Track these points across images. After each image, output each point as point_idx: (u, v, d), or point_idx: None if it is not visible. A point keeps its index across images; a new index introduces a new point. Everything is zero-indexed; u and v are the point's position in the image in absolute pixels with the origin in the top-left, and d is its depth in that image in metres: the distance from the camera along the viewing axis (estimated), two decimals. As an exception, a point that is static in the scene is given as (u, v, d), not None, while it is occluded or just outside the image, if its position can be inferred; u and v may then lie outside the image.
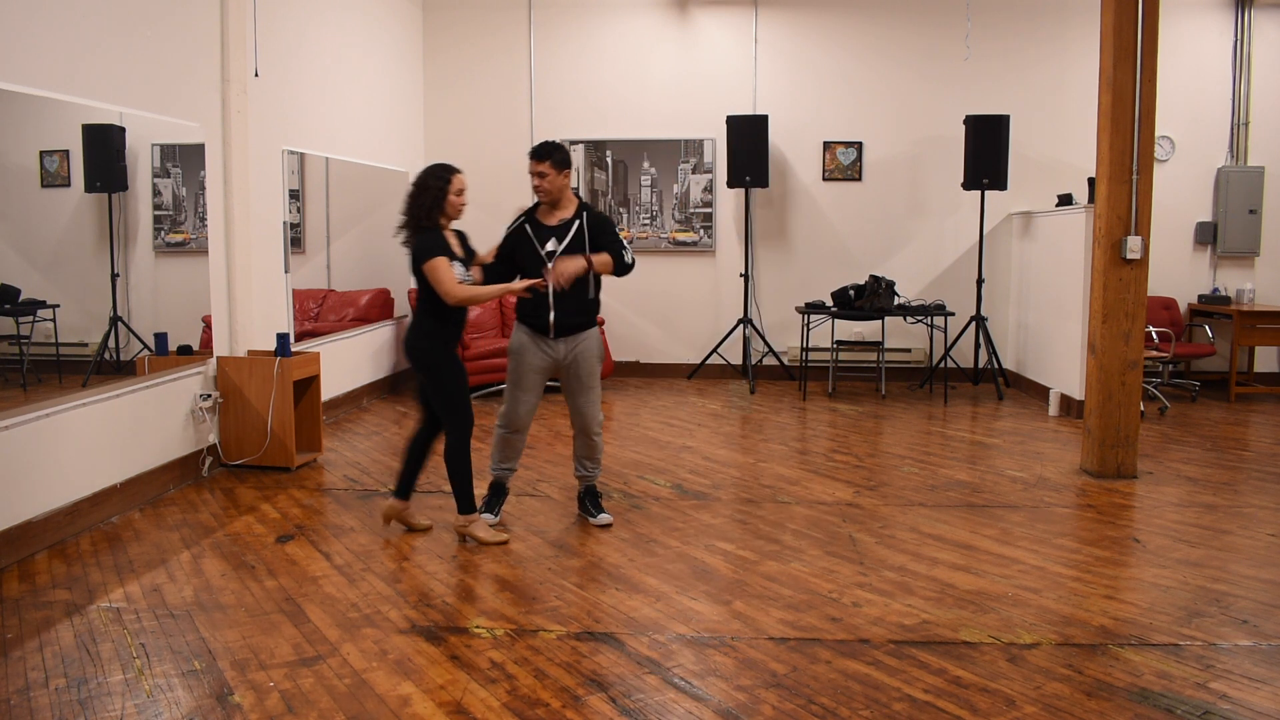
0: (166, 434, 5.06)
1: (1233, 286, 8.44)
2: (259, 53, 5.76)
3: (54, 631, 3.32)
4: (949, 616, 3.49)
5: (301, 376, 5.58)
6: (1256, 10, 8.34)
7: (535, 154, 4.38)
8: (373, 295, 7.90)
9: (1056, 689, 2.94)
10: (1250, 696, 2.90)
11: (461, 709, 2.82)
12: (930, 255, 8.68)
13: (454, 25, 8.86)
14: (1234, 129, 8.44)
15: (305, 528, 4.51)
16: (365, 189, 7.89)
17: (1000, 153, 7.88)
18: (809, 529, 4.51)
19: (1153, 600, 3.66)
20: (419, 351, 4.20)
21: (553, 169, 4.34)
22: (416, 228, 4.15)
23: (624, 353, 8.94)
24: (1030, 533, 4.46)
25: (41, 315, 4.46)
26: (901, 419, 7.10)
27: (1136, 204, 5.28)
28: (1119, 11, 5.19)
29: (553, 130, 8.69)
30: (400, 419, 7.02)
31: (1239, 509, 4.88)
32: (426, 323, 4.20)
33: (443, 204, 4.12)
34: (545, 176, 4.35)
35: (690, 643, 3.28)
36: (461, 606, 3.57)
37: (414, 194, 4.16)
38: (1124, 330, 5.36)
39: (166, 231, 5.24)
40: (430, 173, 4.16)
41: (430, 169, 4.18)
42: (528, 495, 5.03)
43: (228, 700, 2.85)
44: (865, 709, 2.82)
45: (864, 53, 8.60)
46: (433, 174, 4.15)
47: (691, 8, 8.68)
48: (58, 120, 4.44)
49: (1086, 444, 5.55)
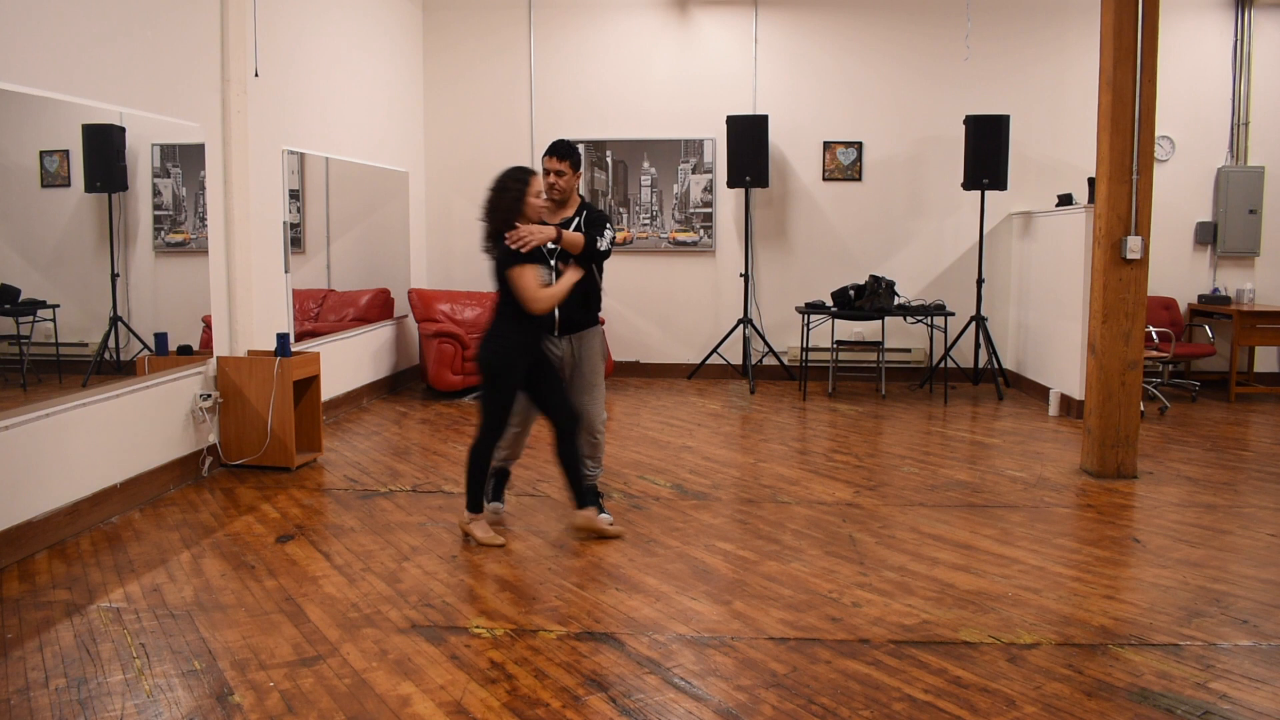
0: (166, 434, 5.06)
1: (1233, 286, 8.44)
2: (259, 53, 5.76)
3: (54, 631, 3.32)
4: (949, 616, 3.49)
5: (301, 376, 5.58)
6: (1256, 10, 8.34)
7: (556, 152, 4.38)
8: (373, 295, 7.90)
9: (1056, 689, 2.94)
10: (1250, 696, 2.90)
11: (461, 709, 2.82)
12: (930, 255, 8.68)
13: (454, 25, 8.86)
14: (1234, 129, 8.44)
15: (305, 528, 4.51)
16: (365, 189, 7.89)
17: (1000, 153, 7.88)
18: (809, 529, 4.52)
19: (1153, 600, 3.66)
20: (490, 354, 4.18)
21: (570, 169, 4.37)
22: (499, 233, 4.14)
23: (624, 353, 8.94)
24: (1030, 533, 4.46)
25: (41, 315, 4.46)
26: (901, 419, 7.10)
27: (1136, 204, 5.28)
28: (1119, 11, 5.19)
29: (552, 130, 8.69)
30: (400, 419, 7.02)
31: (1239, 509, 4.88)
32: (503, 326, 4.19)
33: (522, 206, 4.13)
34: (563, 175, 4.36)
35: (690, 643, 3.28)
36: (461, 606, 3.57)
37: (493, 198, 4.16)
38: (1124, 330, 5.36)
39: (166, 231, 5.24)
40: (509, 176, 4.17)
41: (508, 173, 4.19)
42: (528, 495, 5.03)
43: (228, 700, 2.85)
44: (865, 709, 2.82)
45: (864, 53, 8.61)
46: (511, 177, 4.16)
47: (691, 8, 8.68)
48: (58, 120, 4.44)
49: (1086, 444, 5.55)
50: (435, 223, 9.01)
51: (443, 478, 5.37)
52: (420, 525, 4.53)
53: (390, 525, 4.53)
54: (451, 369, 7.64)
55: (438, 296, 8.24)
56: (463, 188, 8.91)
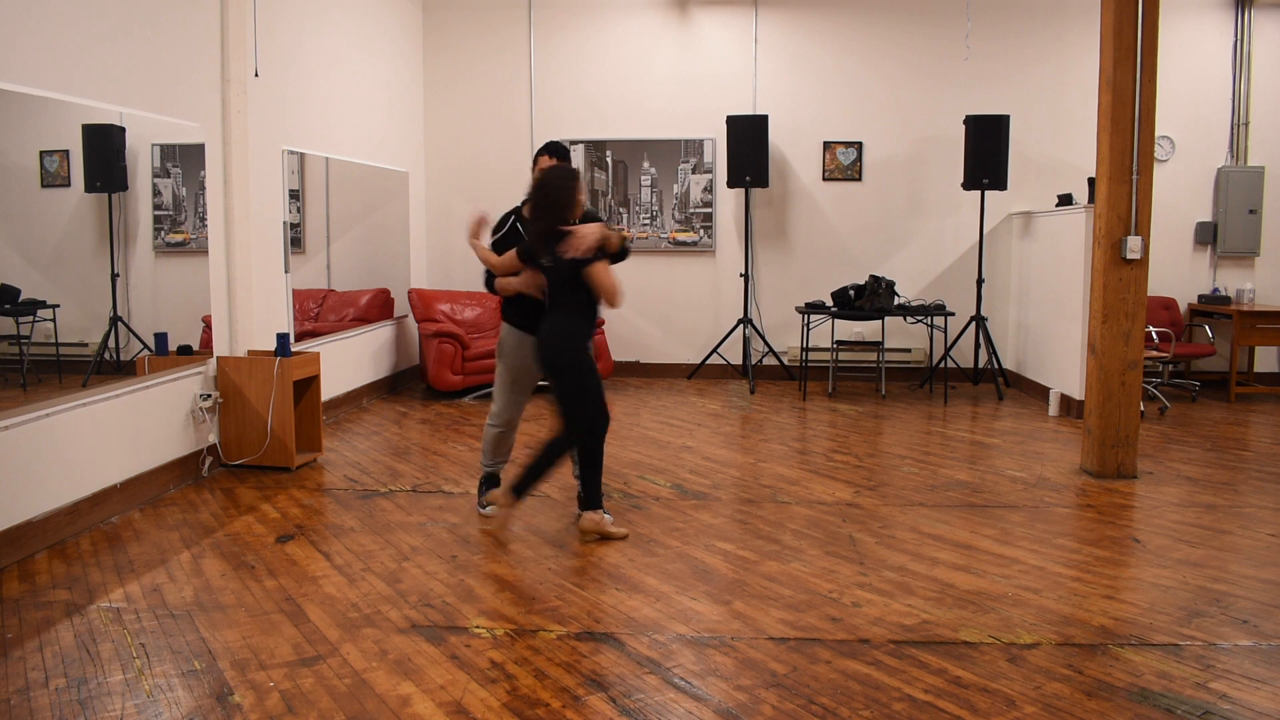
0: (166, 434, 5.06)
1: (1233, 286, 8.44)
2: (259, 53, 5.76)
3: (54, 631, 3.32)
4: (949, 616, 3.49)
5: (301, 376, 5.58)
6: (1256, 10, 8.34)
7: (552, 151, 4.40)
8: (373, 295, 7.90)
9: (1056, 689, 2.94)
10: (1250, 696, 2.90)
11: (461, 709, 2.82)
12: (930, 255, 8.68)
13: (454, 25, 8.86)
14: (1234, 129, 8.44)
15: (305, 528, 4.51)
16: (365, 189, 7.89)
17: (1000, 153, 7.88)
18: (809, 529, 4.51)
19: (1153, 600, 3.66)
20: (576, 353, 4.18)
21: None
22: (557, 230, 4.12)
23: (624, 353, 8.94)
24: (1030, 533, 4.46)
25: (41, 315, 4.46)
26: (901, 419, 7.10)
27: (1136, 204, 5.28)
28: (1119, 11, 5.19)
29: (553, 130, 8.70)
30: (400, 419, 7.02)
31: (1239, 509, 4.88)
32: (579, 324, 4.20)
33: (574, 204, 4.14)
34: None
35: (690, 643, 3.28)
36: (461, 606, 3.57)
37: (546, 198, 4.14)
38: (1124, 330, 5.36)
39: (166, 231, 5.24)
40: (557, 174, 4.17)
41: (556, 171, 4.20)
42: (527, 495, 5.02)
43: (228, 700, 2.85)
44: (865, 709, 2.82)
45: (864, 53, 8.61)
46: (560, 175, 4.16)
47: (691, 8, 8.68)
48: (58, 120, 4.44)
49: (1086, 444, 5.55)
50: (435, 223, 9.01)
51: (443, 478, 5.37)
52: (420, 525, 4.53)
53: (390, 525, 4.53)
54: (451, 369, 7.63)
55: (438, 296, 8.24)
56: (463, 188, 8.92)
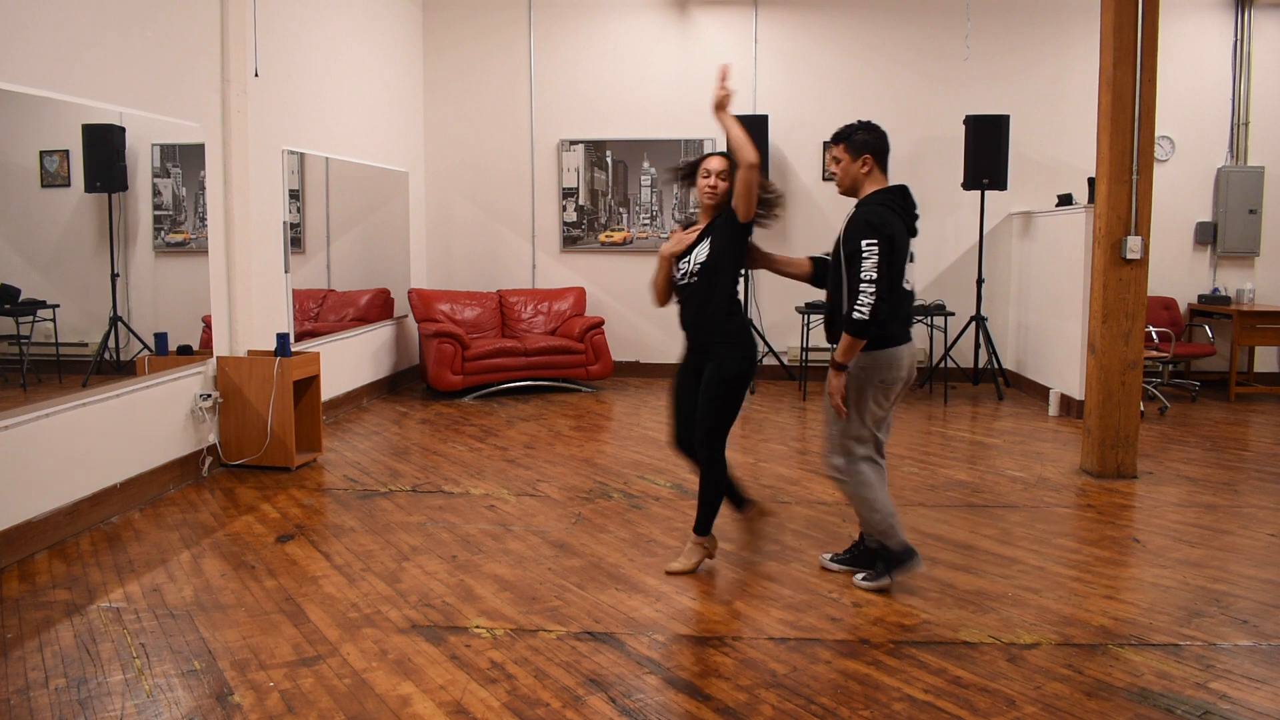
0: (166, 434, 5.06)
1: (1233, 286, 8.44)
2: (259, 53, 5.76)
3: (54, 631, 3.32)
4: (949, 616, 3.49)
5: (301, 376, 5.57)
6: (1256, 10, 8.34)
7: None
8: (372, 295, 7.90)
9: (1056, 689, 2.94)
10: (1250, 696, 2.90)
11: (461, 709, 2.82)
12: (930, 255, 8.66)
13: (454, 25, 8.86)
14: (1234, 129, 8.44)
15: (305, 528, 4.51)
16: (365, 189, 7.89)
17: (1000, 153, 7.88)
18: (809, 529, 4.51)
19: (1153, 600, 3.66)
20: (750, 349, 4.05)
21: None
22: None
23: (624, 353, 8.94)
24: (1030, 533, 4.46)
25: (41, 315, 4.46)
26: (901, 419, 7.10)
27: (1136, 204, 5.28)
28: (1119, 11, 5.19)
29: (552, 130, 8.71)
30: (400, 419, 7.02)
31: (1239, 509, 4.88)
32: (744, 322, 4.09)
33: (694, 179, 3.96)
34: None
35: (690, 643, 3.28)
36: (461, 606, 3.57)
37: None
38: (1124, 330, 5.36)
39: (166, 231, 5.24)
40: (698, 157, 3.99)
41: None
42: (528, 495, 5.03)
43: (228, 700, 2.85)
44: (865, 709, 2.82)
45: (864, 53, 8.60)
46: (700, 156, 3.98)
47: (691, 8, 8.68)
48: (58, 120, 4.44)
49: (1086, 444, 5.55)
50: (435, 223, 9.01)
51: (443, 478, 5.37)
52: (420, 525, 4.53)
53: (390, 525, 4.53)
54: (451, 369, 7.63)
55: (438, 296, 8.24)
56: (463, 188, 8.92)
